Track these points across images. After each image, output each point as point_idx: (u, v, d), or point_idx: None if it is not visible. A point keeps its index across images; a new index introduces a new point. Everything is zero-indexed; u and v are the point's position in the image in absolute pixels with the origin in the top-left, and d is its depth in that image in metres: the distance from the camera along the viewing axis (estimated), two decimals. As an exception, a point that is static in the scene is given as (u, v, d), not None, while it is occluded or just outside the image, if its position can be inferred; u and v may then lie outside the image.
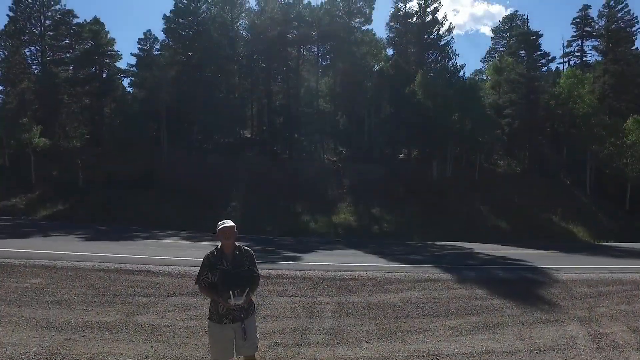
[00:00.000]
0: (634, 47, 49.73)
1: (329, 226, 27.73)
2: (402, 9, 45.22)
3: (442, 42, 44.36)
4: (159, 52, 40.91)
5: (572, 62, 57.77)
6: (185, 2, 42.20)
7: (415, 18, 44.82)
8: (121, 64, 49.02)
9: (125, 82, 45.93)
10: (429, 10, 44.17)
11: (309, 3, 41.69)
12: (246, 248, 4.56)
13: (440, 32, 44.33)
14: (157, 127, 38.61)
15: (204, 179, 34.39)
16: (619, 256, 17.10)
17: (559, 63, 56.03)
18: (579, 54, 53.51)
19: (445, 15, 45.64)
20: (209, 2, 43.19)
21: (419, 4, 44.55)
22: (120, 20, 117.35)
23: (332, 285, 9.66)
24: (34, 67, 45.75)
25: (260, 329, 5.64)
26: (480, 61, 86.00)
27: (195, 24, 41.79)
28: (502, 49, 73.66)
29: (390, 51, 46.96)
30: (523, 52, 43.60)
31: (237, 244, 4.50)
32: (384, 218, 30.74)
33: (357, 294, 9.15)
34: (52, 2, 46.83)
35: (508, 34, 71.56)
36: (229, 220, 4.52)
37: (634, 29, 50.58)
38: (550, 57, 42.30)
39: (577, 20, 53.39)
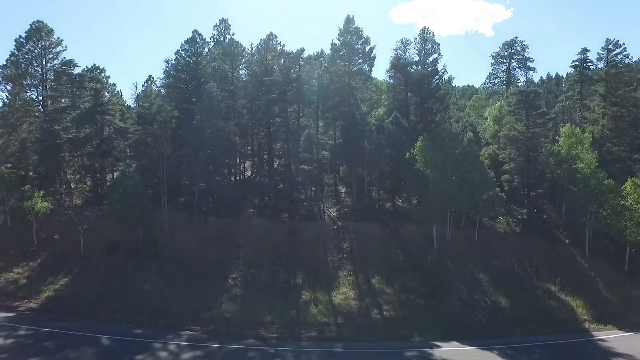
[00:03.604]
0: (631, 88, 49.63)
1: (330, 311, 27.87)
2: (402, 57, 45.17)
3: (443, 92, 44.39)
4: (159, 107, 40.79)
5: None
6: (185, 57, 42.35)
7: (414, 65, 44.80)
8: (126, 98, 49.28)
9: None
10: (428, 60, 44.20)
11: (310, 56, 41.97)
12: None
13: (440, 83, 44.39)
14: (158, 182, 38.44)
15: (204, 245, 34.52)
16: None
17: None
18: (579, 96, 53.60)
19: (445, 67, 45.30)
20: (210, 56, 43.35)
21: (418, 53, 44.57)
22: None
23: None
24: (36, 106, 45.78)
25: None
26: (480, 86, 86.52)
27: (196, 79, 41.86)
28: (501, 74, 74.99)
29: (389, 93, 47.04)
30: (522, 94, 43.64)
31: None
32: (383, 292, 30.93)
33: None
34: (54, 45, 46.97)
35: (507, 60, 72.90)
36: None
37: (632, 73, 50.71)
38: (547, 117, 42.07)
39: (577, 63, 53.56)
